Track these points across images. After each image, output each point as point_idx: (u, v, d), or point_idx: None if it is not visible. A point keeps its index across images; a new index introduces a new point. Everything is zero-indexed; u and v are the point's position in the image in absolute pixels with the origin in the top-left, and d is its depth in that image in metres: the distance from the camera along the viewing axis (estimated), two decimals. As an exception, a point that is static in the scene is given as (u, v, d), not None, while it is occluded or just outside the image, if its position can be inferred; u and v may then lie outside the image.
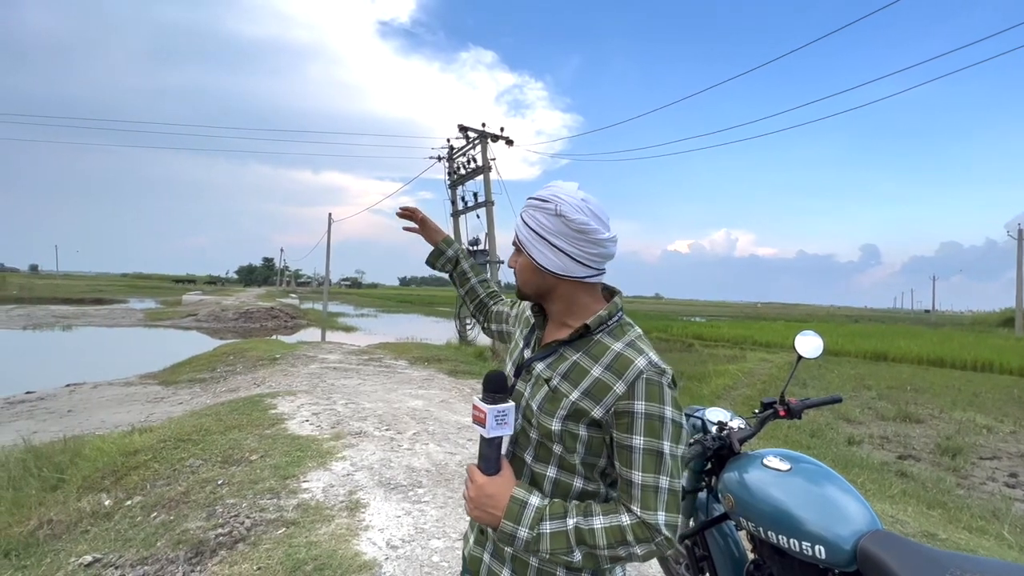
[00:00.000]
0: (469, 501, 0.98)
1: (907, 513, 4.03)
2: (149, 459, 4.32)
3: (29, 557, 3.07)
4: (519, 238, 1.05)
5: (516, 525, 0.93)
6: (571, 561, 0.92)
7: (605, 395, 0.94)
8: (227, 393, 8.33)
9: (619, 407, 0.93)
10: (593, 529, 0.90)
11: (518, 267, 1.07)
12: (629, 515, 0.91)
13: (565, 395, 0.97)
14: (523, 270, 1.06)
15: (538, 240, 1.00)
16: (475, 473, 0.99)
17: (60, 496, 3.94)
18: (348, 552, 2.71)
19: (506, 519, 0.93)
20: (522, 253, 1.05)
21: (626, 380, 0.93)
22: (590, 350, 0.99)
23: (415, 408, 6.34)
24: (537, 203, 1.01)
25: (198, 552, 2.80)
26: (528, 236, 1.02)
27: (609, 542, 0.89)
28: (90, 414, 7.70)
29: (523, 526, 0.92)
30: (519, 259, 1.07)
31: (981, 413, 9.26)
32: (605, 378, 0.95)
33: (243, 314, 27.59)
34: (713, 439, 1.80)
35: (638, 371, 0.93)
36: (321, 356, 11.53)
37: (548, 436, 0.99)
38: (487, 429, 0.95)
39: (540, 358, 1.05)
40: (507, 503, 0.94)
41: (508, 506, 0.94)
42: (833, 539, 1.38)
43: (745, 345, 21.83)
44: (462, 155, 17.01)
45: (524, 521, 0.93)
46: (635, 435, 0.92)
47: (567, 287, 1.03)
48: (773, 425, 7.46)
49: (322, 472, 3.89)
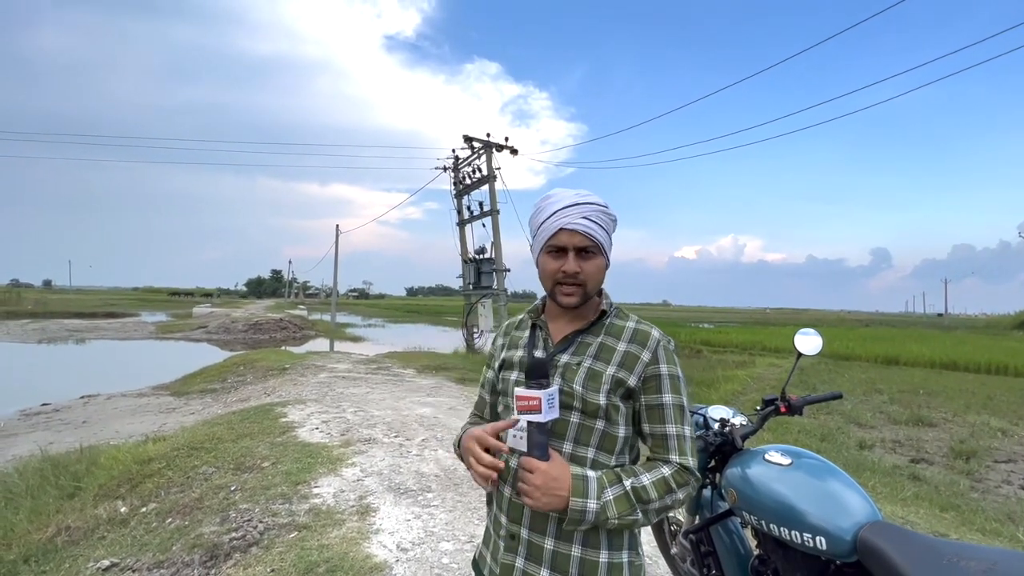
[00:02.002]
0: (535, 489, 0.97)
1: (919, 515, 4.00)
2: (163, 467, 4.39)
3: (48, 562, 3.13)
4: (599, 240, 1.08)
5: (585, 499, 0.97)
6: (636, 521, 1.00)
7: (635, 364, 1.08)
8: (238, 403, 8.42)
9: (648, 372, 1.08)
10: (645, 486, 1.01)
11: (592, 269, 1.09)
12: (668, 466, 1.04)
13: (602, 371, 1.08)
14: (599, 271, 1.11)
15: (608, 241, 1.12)
16: (532, 462, 0.99)
17: (77, 504, 4.01)
18: (359, 555, 2.75)
19: (574, 496, 0.97)
20: (595, 256, 1.09)
21: (649, 348, 1.09)
22: (609, 331, 1.13)
23: (424, 415, 6.38)
24: (600, 208, 1.09)
25: (212, 556, 2.85)
26: (603, 238, 1.09)
27: (659, 494, 1.01)
28: (105, 424, 7.82)
29: (591, 498, 0.98)
30: (593, 261, 1.09)
31: (996, 416, 9.12)
32: (632, 350, 1.09)
33: (252, 326, 27.81)
34: (716, 435, 1.83)
35: (656, 340, 1.10)
36: (330, 366, 11.62)
37: (595, 412, 1.06)
38: (543, 413, 0.99)
39: (562, 351, 1.12)
40: (571, 482, 0.98)
41: (572, 484, 0.98)
42: (834, 530, 1.40)
43: (754, 351, 21.66)
44: (467, 165, 17.16)
45: (591, 493, 0.98)
46: (664, 394, 1.08)
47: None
48: (783, 429, 7.42)
49: (332, 478, 3.94)
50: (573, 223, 1.06)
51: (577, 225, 1.06)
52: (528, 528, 1.07)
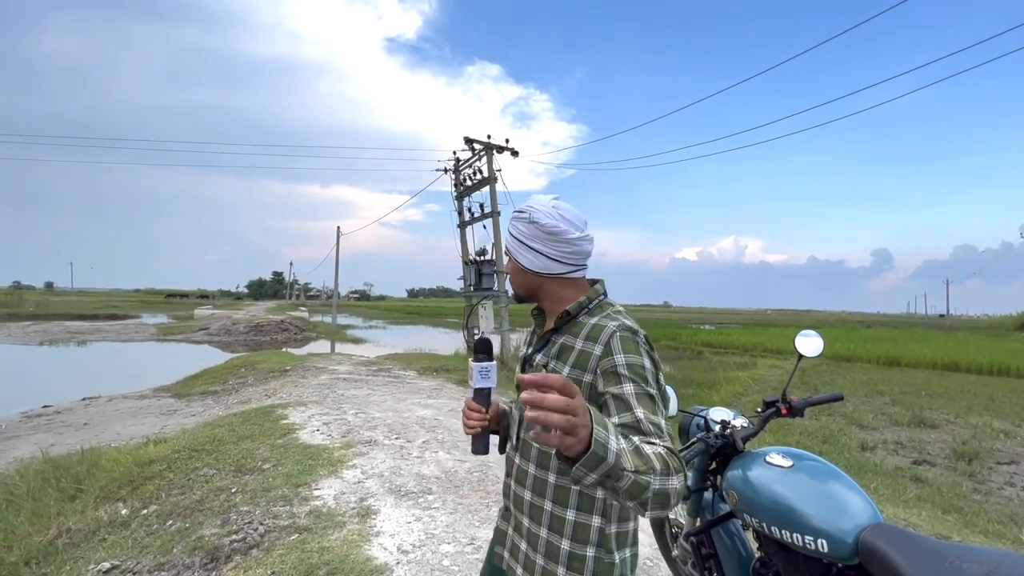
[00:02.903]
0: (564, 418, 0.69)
1: (921, 517, 3.99)
2: (164, 469, 4.39)
3: (49, 565, 3.13)
4: (506, 246, 1.23)
5: (606, 432, 0.76)
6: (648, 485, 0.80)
7: (588, 360, 1.06)
8: (239, 405, 8.42)
9: (603, 366, 1.04)
10: (649, 454, 0.84)
11: (509, 271, 1.24)
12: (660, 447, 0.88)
13: (558, 372, 1.08)
14: (513, 273, 1.23)
15: (519, 245, 1.17)
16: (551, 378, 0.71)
17: (78, 506, 4.01)
18: (360, 557, 2.75)
19: (597, 426, 0.74)
20: (512, 262, 1.21)
21: (601, 342, 1.05)
22: (572, 330, 1.14)
23: (424, 417, 6.38)
24: (516, 215, 1.19)
25: (213, 558, 2.85)
26: (512, 243, 1.20)
27: (663, 467, 0.84)
28: (106, 426, 7.82)
29: (611, 434, 0.77)
30: (509, 265, 1.23)
31: (998, 418, 9.10)
32: (586, 347, 1.08)
33: (254, 327, 27.83)
34: (717, 438, 1.83)
35: (610, 332, 1.06)
36: (331, 367, 11.62)
37: None
38: (473, 381, 1.11)
39: (538, 350, 1.20)
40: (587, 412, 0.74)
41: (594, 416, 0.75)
42: (835, 533, 1.40)
43: (755, 352, 21.63)
44: (468, 167, 17.17)
45: (611, 432, 0.78)
46: (624, 384, 1.00)
47: (553, 284, 1.18)
48: (784, 431, 7.40)
49: (333, 480, 3.94)
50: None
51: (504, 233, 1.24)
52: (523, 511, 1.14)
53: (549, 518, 1.09)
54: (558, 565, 1.06)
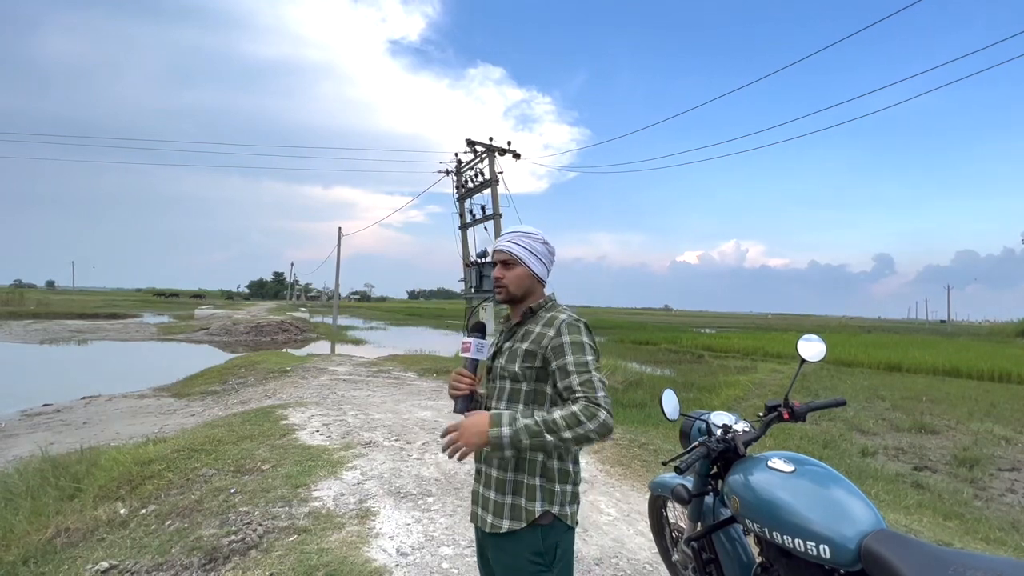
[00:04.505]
0: (462, 438, 1.32)
1: (922, 523, 3.97)
2: (163, 469, 4.39)
3: (47, 564, 3.12)
4: (516, 255, 1.52)
5: (499, 427, 1.29)
6: (546, 443, 1.27)
7: (543, 340, 1.45)
8: (239, 405, 8.42)
9: (552, 344, 1.42)
10: (555, 418, 1.28)
11: (513, 276, 1.53)
12: (578, 404, 1.30)
13: (519, 348, 1.48)
14: (520, 277, 1.54)
15: (532, 257, 1.54)
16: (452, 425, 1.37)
17: (77, 505, 4.00)
18: (359, 559, 2.74)
19: (491, 427, 1.30)
20: (515, 266, 1.53)
21: (554, 327, 1.45)
22: (533, 320, 1.53)
23: (424, 419, 6.37)
24: (529, 234, 1.55)
25: (212, 558, 2.84)
26: (525, 255, 1.53)
27: (568, 423, 1.27)
28: (105, 426, 7.81)
29: (504, 425, 1.30)
30: (514, 270, 1.54)
31: (999, 424, 9.08)
32: (543, 330, 1.47)
33: (254, 328, 27.81)
34: (718, 442, 1.82)
35: (561, 320, 1.46)
36: (331, 368, 11.62)
37: (516, 378, 1.47)
38: (472, 352, 1.53)
39: (507, 338, 1.57)
40: (488, 418, 1.32)
41: (490, 418, 1.32)
42: (838, 539, 1.39)
43: (756, 356, 21.61)
44: (470, 169, 17.18)
45: (504, 423, 1.30)
46: (567, 356, 1.39)
47: (538, 288, 1.58)
48: (785, 436, 7.38)
49: (333, 481, 3.93)
50: (499, 245, 1.56)
51: (501, 245, 1.55)
52: (484, 463, 1.51)
53: (503, 461, 1.44)
54: (507, 495, 1.42)
